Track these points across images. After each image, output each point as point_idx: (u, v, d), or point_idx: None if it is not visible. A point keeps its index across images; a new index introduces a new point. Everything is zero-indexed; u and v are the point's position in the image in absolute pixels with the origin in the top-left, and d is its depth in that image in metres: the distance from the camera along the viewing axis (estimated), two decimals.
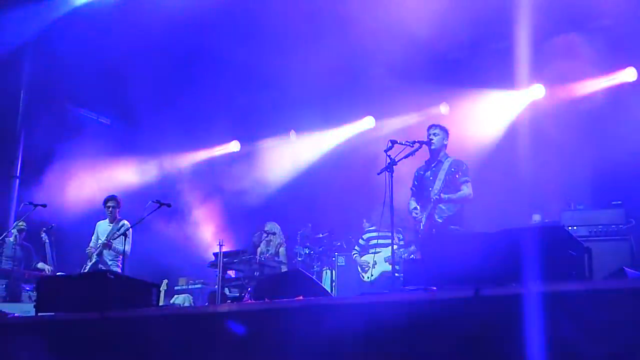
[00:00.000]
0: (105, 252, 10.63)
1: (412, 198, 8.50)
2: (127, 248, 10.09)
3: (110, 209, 10.88)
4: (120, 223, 10.76)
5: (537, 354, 3.68)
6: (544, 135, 10.76)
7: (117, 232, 10.54)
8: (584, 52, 10.68)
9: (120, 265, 10.41)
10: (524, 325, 3.80)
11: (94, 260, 10.57)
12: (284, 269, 11.32)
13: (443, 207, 8.09)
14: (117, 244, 10.51)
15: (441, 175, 8.12)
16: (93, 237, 10.97)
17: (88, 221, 11.81)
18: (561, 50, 10.81)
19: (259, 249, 11.82)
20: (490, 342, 3.94)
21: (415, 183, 8.50)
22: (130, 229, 10.16)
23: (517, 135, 11.37)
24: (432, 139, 8.23)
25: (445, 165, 8.18)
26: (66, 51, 11.99)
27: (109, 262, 10.60)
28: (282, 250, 11.69)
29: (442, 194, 8.04)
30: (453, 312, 4.14)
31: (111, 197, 11.04)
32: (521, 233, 4.79)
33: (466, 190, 8.11)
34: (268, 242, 11.74)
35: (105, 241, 10.61)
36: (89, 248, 10.81)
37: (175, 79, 13.33)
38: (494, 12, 10.67)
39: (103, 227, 10.95)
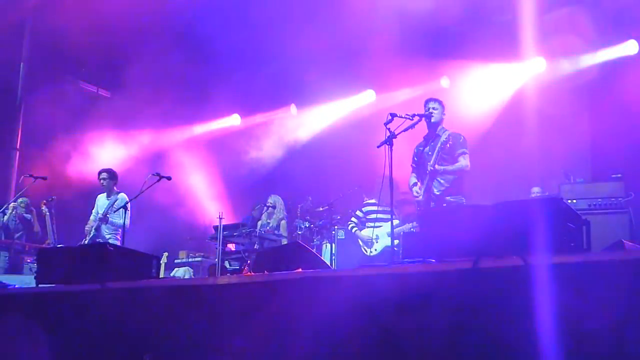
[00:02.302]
0: (103, 226, 10.56)
1: (413, 174, 8.52)
2: (127, 221, 10.02)
3: (102, 181, 10.75)
4: (118, 196, 10.67)
5: (534, 324, 3.71)
6: (544, 108, 10.73)
7: (114, 206, 10.48)
8: (585, 24, 10.63)
9: (120, 239, 10.32)
10: (522, 296, 3.82)
11: (92, 234, 10.50)
12: (284, 242, 11.33)
13: (440, 180, 8.10)
14: (115, 217, 10.38)
15: (438, 148, 8.13)
16: (93, 211, 10.88)
17: (88, 194, 11.81)
18: (562, 23, 10.76)
19: (259, 221, 11.82)
20: (488, 313, 3.96)
21: (415, 159, 8.50)
22: (125, 200, 10.13)
23: (518, 108, 11.35)
24: (432, 113, 8.21)
25: (443, 138, 8.18)
26: (66, 24, 11.94)
27: (107, 236, 10.50)
28: (283, 223, 11.67)
29: (436, 165, 8.05)
30: (451, 284, 4.16)
31: (103, 170, 10.90)
32: (520, 206, 4.80)
33: (463, 162, 8.11)
34: (269, 215, 11.73)
35: (102, 216, 10.53)
36: (87, 225, 10.74)
37: (176, 52, 13.28)
38: None
39: (102, 201, 10.82)
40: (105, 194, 10.83)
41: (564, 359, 3.68)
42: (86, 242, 10.42)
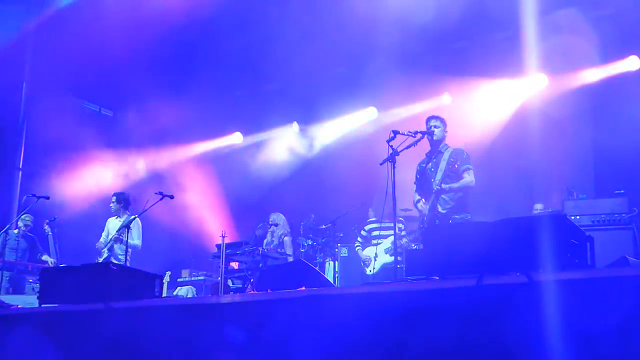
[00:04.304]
0: (116, 246, 10.62)
1: (416, 192, 8.51)
2: (137, 241, 10.36)
3: (111, 205, 10.89)
4: (130, 217, 10.74)
5: (539, 341, 3.69)
6: (546, 124, 10.74)
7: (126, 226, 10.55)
8: (587, 41, 10.65)
9: (130, 259, 10.41)
10: (526, 313, 3.80)
11: (105, 255, 10.57)
12: (291, 259, 11.30)
13: (445, 198, 8.08)
14: (130, 238, 10.45)
15: (442, 165, 8.12)
16: (103, 233, 10.92)
17: (91, 213, 11.84)
18: (564, 39, 10.78)
19: (265, 240, 11.81)
20: (492, 331, 3.94)
21: (418, 176, 8.49)
22: (139, 222, 10.43)
23: (520, 124, 11.36)
24: (434, 131, 8.21)
25: (446, 155, 8.18)
26: (68, 42, 11.98)
27: (120, 256, 10.59)
28: (286, 240, 11.62)
29: (442, 184, 8.04)
30: (455, 302, 4.15)
31: (113, 194, 11.07)
32: (524, 222, 4.79)
33: (467, 178, 8.09)
34: (273, 233, 11.72)
35: (117, 235, 10.60)
36: (98, 243, 10.80)
37: (178, 71, 13.33)
38: (497, 2, 10.66)
39: (113, 224, 10.91)
40: (115, 216, 10.93)
41: None
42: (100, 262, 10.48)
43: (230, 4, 11.61)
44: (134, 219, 10.24)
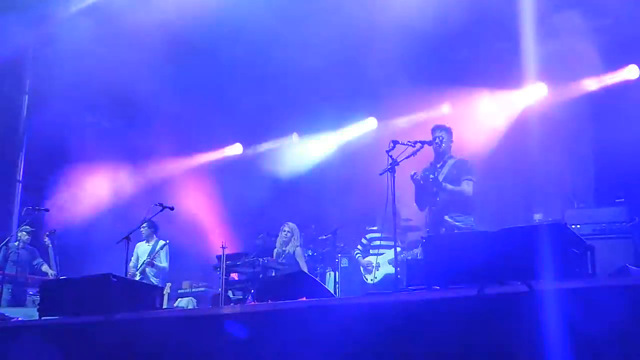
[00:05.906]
0: (147, 269, 11.28)
1: (415, 200, 8.56)
2: (165, 264, 11.39)
3: (142, 229, 11.14)
4: (159, 242, 11.48)
5: (540, 350, 3.68)
6: (546, 134, 10.73)
7: (157, 250, 11.30)
8: (587, 50, 10.65)
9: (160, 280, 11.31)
10: (527, 322, 3.80)
11: (138, 278, 10.95)
12: (304, 269, 11.22)
13: (457, 219, 8.15)
14: (158, 261, 11.31)
15: (444, 170, 8.21)
16: (132, 258, 11.35)
17: (91, 225, 11.82)
18: (563, 48, 10.79)
19: (275, 250, 11.76)
20: (493, 340, 3.94)
21: (421, 182, 8.52)
22: (167, 247, 11.40)
23: (519, 134, 11.35)
24: (439, 143, 8.28)
25: (450, 163, 8.29)
26: (68, 55, 12.00)
27: (152, 278, 11.30)
28: (298, 250, 11.60)
29: (444, 184, 8.12)
30: (456, 311, 4.14)
31: (144, 220, 11.18)
32: (524, 232, 4.79)
33: (465, 187, 8.17)
34: (285, 243, 11.66)
35: (149, 259, 11.22)
36: (130, 269, 10.93)
37: (177, 82, 13.32)
38: (497, 12, 10.67)
39: (143, 248, 11.58)
40: (145, 241, 11.48)
41: None
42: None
43: (229, 15, 11.62)
44: (164, 244, 11.35)
